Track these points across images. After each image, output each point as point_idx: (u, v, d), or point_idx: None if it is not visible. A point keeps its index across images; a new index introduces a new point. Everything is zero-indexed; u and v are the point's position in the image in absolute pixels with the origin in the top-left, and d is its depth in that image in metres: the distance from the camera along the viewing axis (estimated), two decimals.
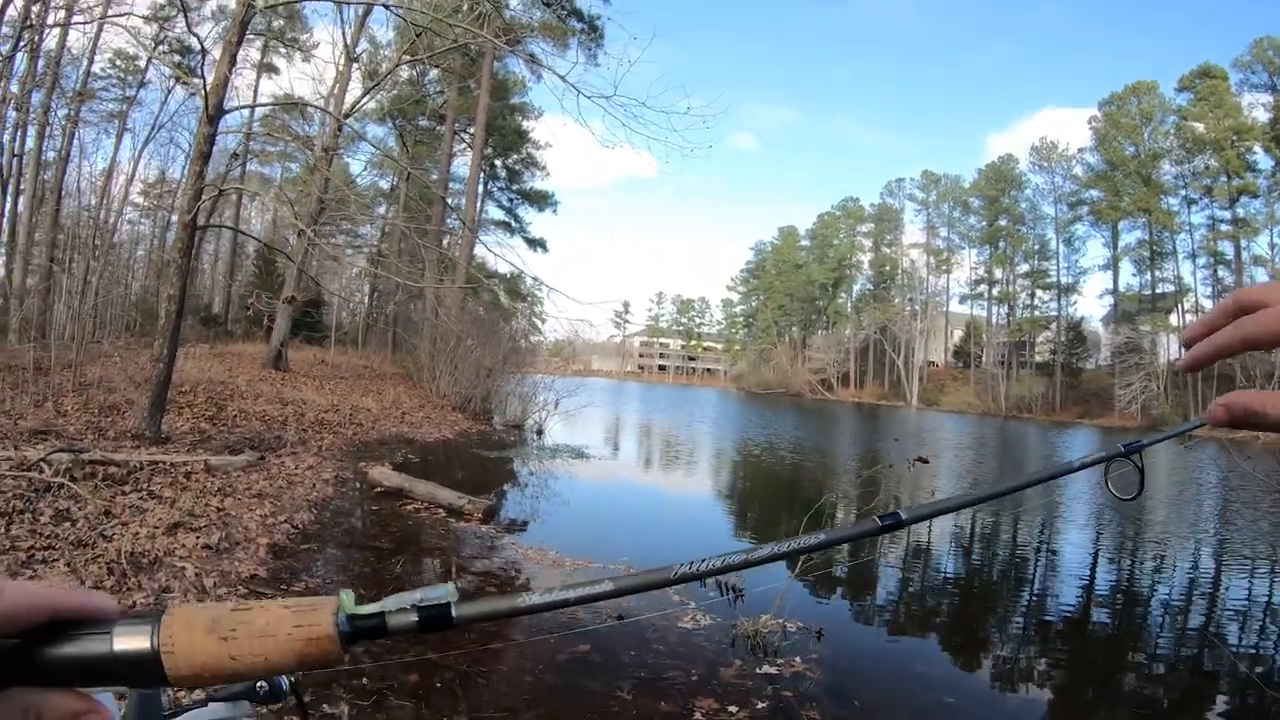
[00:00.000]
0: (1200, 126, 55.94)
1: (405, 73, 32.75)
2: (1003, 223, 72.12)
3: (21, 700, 0.43)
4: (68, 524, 6.33)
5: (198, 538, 6.57)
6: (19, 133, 24.46)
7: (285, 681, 1.57)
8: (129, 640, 0.47)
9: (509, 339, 26.25)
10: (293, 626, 0.51)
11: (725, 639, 5.60)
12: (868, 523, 0.65)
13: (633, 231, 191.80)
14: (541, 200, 42.92)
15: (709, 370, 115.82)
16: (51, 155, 26.75)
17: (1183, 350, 0.68)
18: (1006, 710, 5.20)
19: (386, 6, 15.99)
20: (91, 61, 28.44)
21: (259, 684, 1.54)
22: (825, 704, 4.71)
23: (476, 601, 0.54)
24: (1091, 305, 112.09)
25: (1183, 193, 58.47)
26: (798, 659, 5.30)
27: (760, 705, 4.61)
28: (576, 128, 40.26)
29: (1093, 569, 9.41)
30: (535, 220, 43.78)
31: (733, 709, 4.51)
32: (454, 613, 0.53)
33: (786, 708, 4.63)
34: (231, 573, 6.06)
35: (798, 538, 0.62)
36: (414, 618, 0.53)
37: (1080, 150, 66.46)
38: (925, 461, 8.24)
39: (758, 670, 5.10)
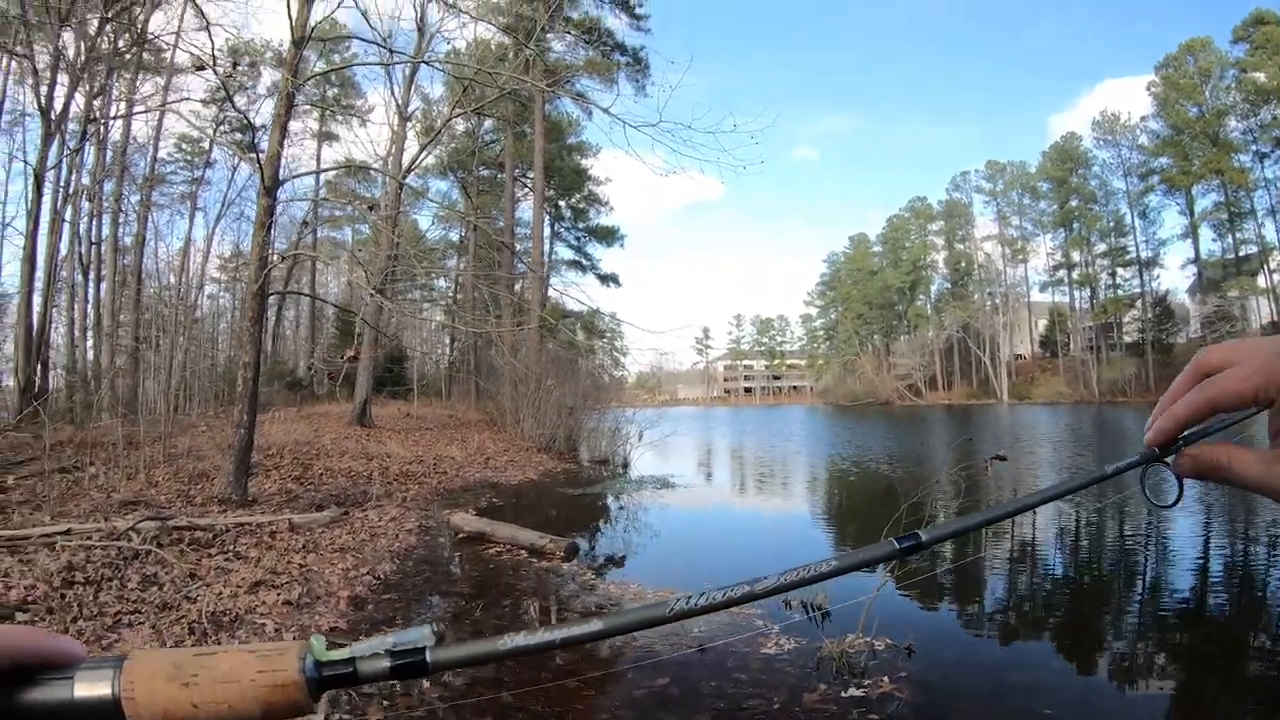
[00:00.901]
0: (1261, 76, 53.90)
1: (460, 125, 33.54)
2: (1074, 203, 70.34)
3: None
4: (154, 588, 6.43)
5: (279, 594, 6.60)
6: (94, 221, 25.54)
7: None
8: (90, 686, 0.46)
9: (588, 376, 26.30)
10: (256, 672, 0.48)
11: (810, 662, 5.33)
12: (884, 546, 0.59)
13: (705, 257, 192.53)
14: (608, 236, 43.30)
15: (794, 387, 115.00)
16: (128, 240, 27.99)
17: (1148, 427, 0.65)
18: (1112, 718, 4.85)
19: (429, 64, 16.34)
20: (157, 148, 29.75)
21: None
22: None
23: (454, 646, 0.51)
24: (1175, 277, 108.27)
25: (1253, 148, 56.42)
26: (886, 679, 4.99)
27: None
28: (633, 161, 40.51)
29: (1205, 556, 8.86)
30: (605, 256, 44.21)
31: None
32: (429, 658, 0.50)
33: None
34: (311, 626, 6.05)
35: (806, 566, 0.57)
36: (386, 664, 0.50)
37: (1143, 119, 64.87)
38: (1003, 459, 7.86)
39: (843, 694, 4.82)
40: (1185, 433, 0.64)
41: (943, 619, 6.80)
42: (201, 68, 9.20)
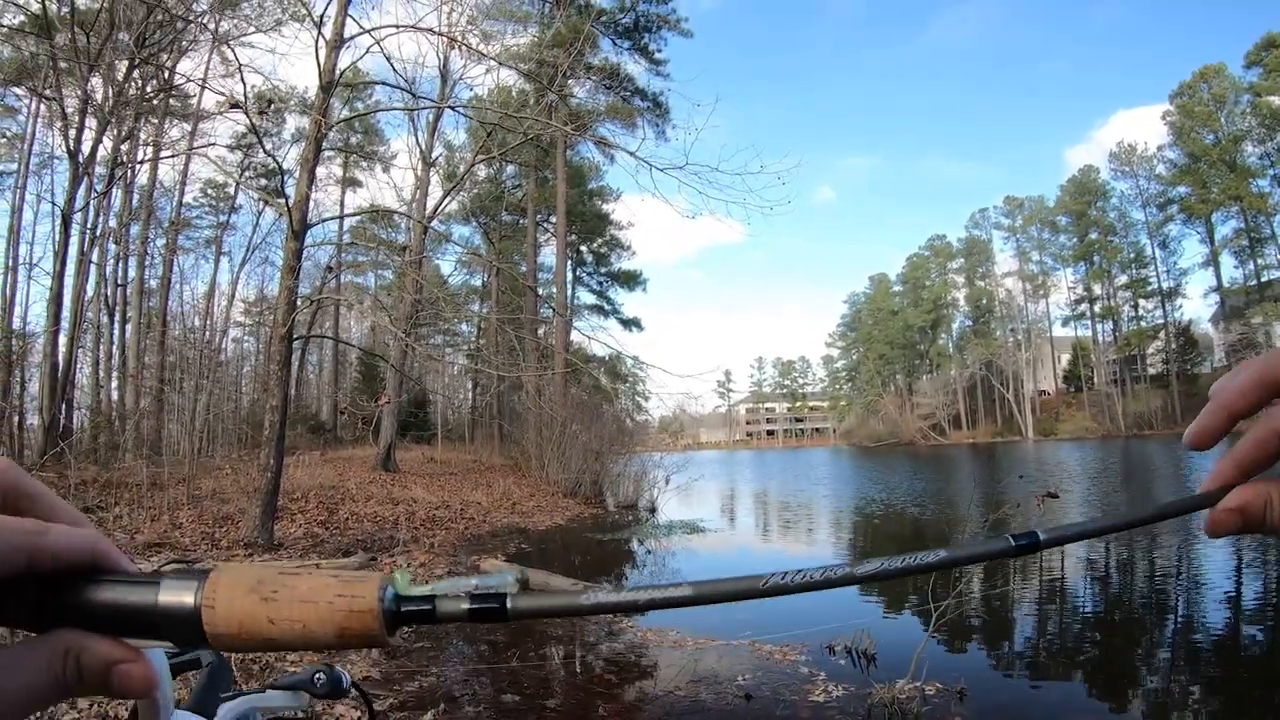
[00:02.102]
0: (1276, 100, 53.96)
1: (482, 171, 33.74)
2: (1094, 236, 70.22)
3: (63, 640, 0.43)
4: None
5: None
6: (120, 264, 25.80)
7: (346, 677, 1.50)
8: (175, 594, 0.45)
9: (613, 420, 26.18)
10: (335, 595, 0.47)
11: (860, 709, 5.12)
12: (999, 541, 0.54)
13: (726, 299, 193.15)
14: (630, 280, 43.40)
15: (817, 430, 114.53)
16: (154, 283, 28.22)
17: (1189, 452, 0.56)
18: None
19: (455, 109, 16.46)
20: (183, 192, 30.14)
21: (317, 675, 1.47)
22: None
23: (535, 596, 0.49)
24: (1197, 306, 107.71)
25: (1271, 172, 56.29)
26: None
27: None
28: (656, 204, 40.72)
29: (1237, 587, 8.61)
30: (627, 300, 44.24)
31: None
32: (509, 604, 0.48)
33: None
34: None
35: (913, 555, 0.53)
36: (465, 605, 0.48)
37: (1160, 148, 65.01)
38: (1055, 496, 7.66)
39: None
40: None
41: (991, 660, 6.58)
42: (235, 106, 9.26)
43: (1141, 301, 68.75)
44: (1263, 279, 58.06)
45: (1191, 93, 59.75)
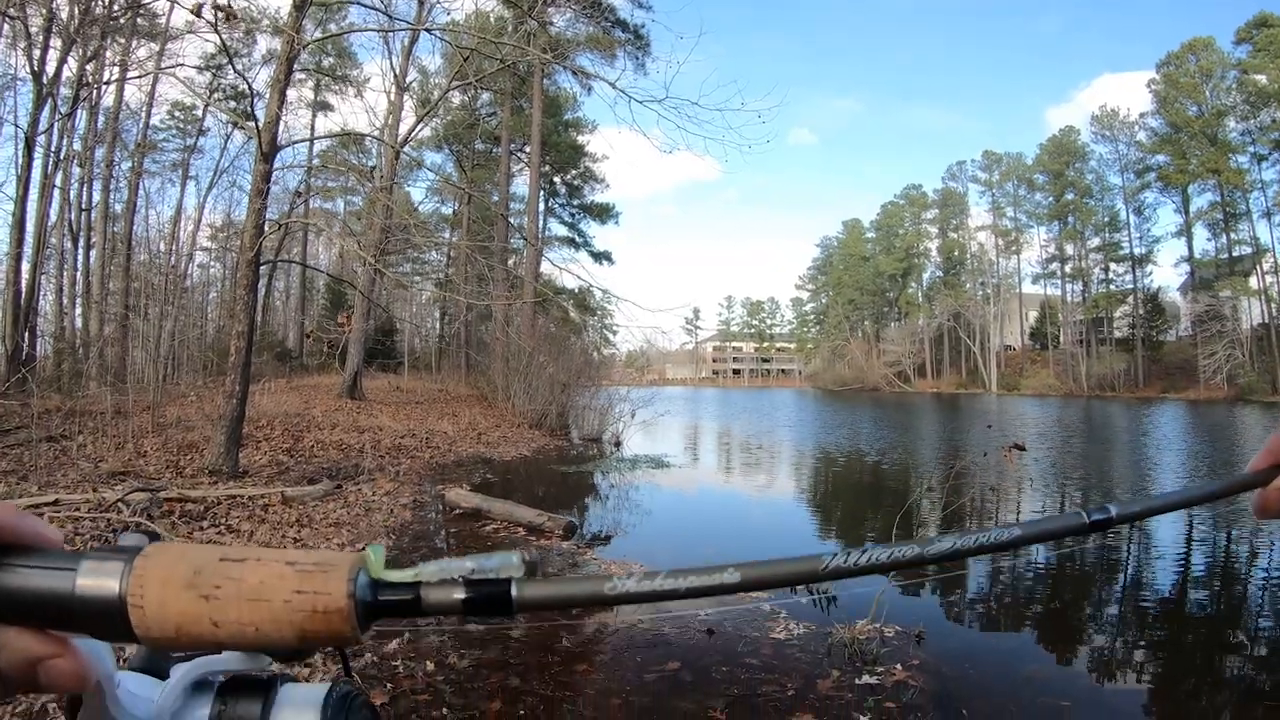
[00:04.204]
0: (1263, 78, 53.69)
1: (457, 98, 33.16)
2: (1069, 197, 70.20)
3: None
4: None
5: None
6: (85, 187, 25.22)
7: None
8: (95, 580, 0.39)
9: (581, 353, 26.15)
10: (293, 592, 0.40)
11: (821, 648, 5.22)
12: (1072, 517, 0.51)
13: (698, 237, 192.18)
14: (603, 213, 43.06)
15: (783, 371, 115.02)
16: (119, 208, 27.64)
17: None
18: (1120, 708, 4.76)
19: (430, 31, 16.05)
20: (149, 114, 29.34)
21: None
22: (932, 714, 4.31)
23: (546, 582, 0.43)
24: (1168, 275, 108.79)
25: (1251, 149, 56.27)
26: (899, 666, 4.90)
27: (862, 719, 4.26)
28: (632, 137, 40.32)
29: (1187, 549, 8.82)
30: (599, 233, 44.02)
31: None
32: (514, 593, 0.41)
33: None
34: None
35: (985, 531, 0.49)
36: (459, 595, 0.41)
37: (1142, 115, 64.57)
38: (1023, 449, 7.76)
39: (857, 681, 4.71)
40: None
41: (949, 606, 6.70)
42: (197, 14, 8.93)
43: (1112, 265, 69.04)
44: (1234, 253, 58.36)
45: (1179, 63, 59.43)
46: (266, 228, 11.24)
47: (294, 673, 1.10)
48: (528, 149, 33.87)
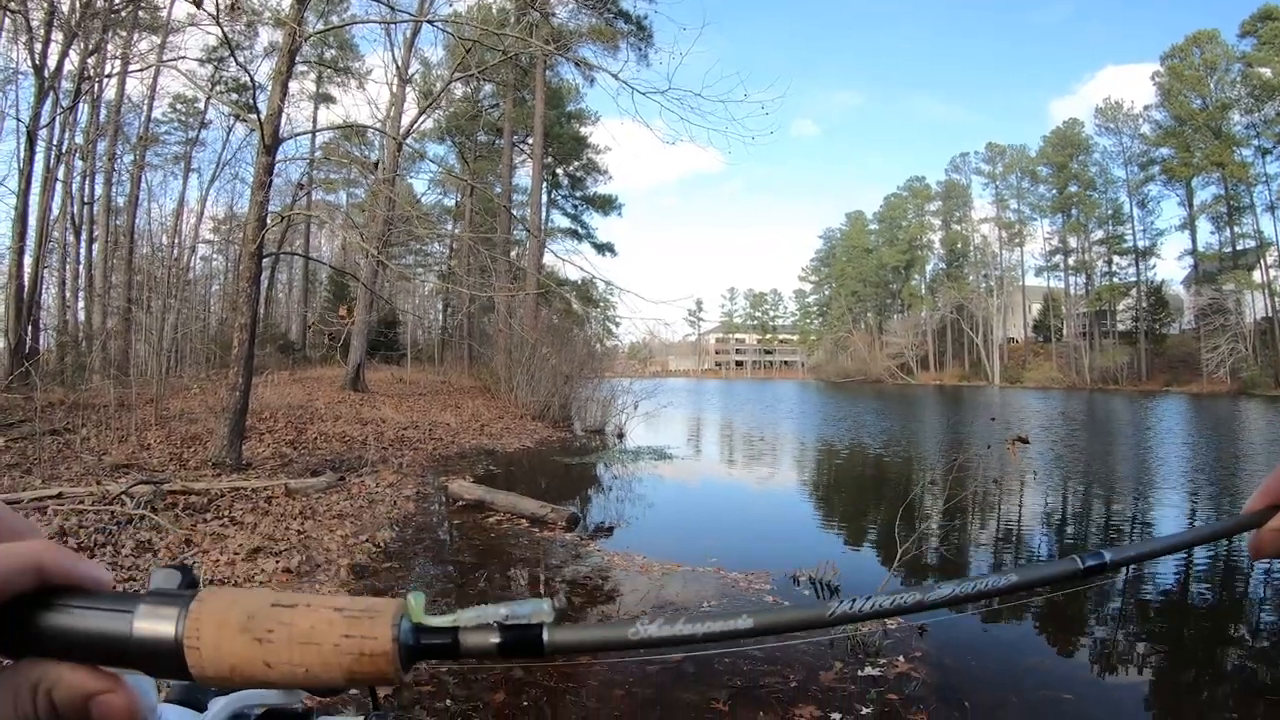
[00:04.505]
0: (1267, 72, 53.50)
1: (459, 90, 33.08)
2: (1073, 189, 70.02)
3: (30, 674, 0.39)
4: (149, 554, 6.29)
5: (278, 561, 6.46)
6: (87, 181, 25.21)
7: None
8: (152, 624, 0.41)
9: (584, 345, 26.16)
10: (342, 636, 0.42)
11: (824, 640, 5.23)
12: (1066, 564, 0.53)
13: (701, 228, 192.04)
14: (605, 205, 43.00)
15: (786, 363, 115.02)
16: (121, 201, 27.62)
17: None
18: (1122, 700, 4.77)
19: (432, 23, 16.01)
20: (151, 107, 29.28)
21: None
22: (934, 706, 4.33)
23: (575, 628, 0.46)
24: (1171, 268, 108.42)
25: (1255, 143, 56.07)
26: (901, 658, 4.92)
27: (865, 711, 4.25)
28: (635, 129, 40.29)
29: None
30: (601, 225, 44.09)
31: (835, 716, 4.17)
32: (546, 638, 0.44)
33: (893, 713, 4.25)
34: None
35: (982, 578, 0.53)
36: (495, 639, 0.44)
37: (1146, 108, 64.30)
38: (1026, 441, 7.76)
39: (860, 673, 4.74)
40: None
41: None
42: (200, 5, 8.91)
43: (1116, 258, 68.83)
44: (1238, 247, 58.20)
45: (1183, 56, 59.17)
46: (269, 220, 11.24)
47: (329, 704, 1.11)
48: (530, 141, 33.84)
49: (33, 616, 0.39)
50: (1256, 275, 55.90)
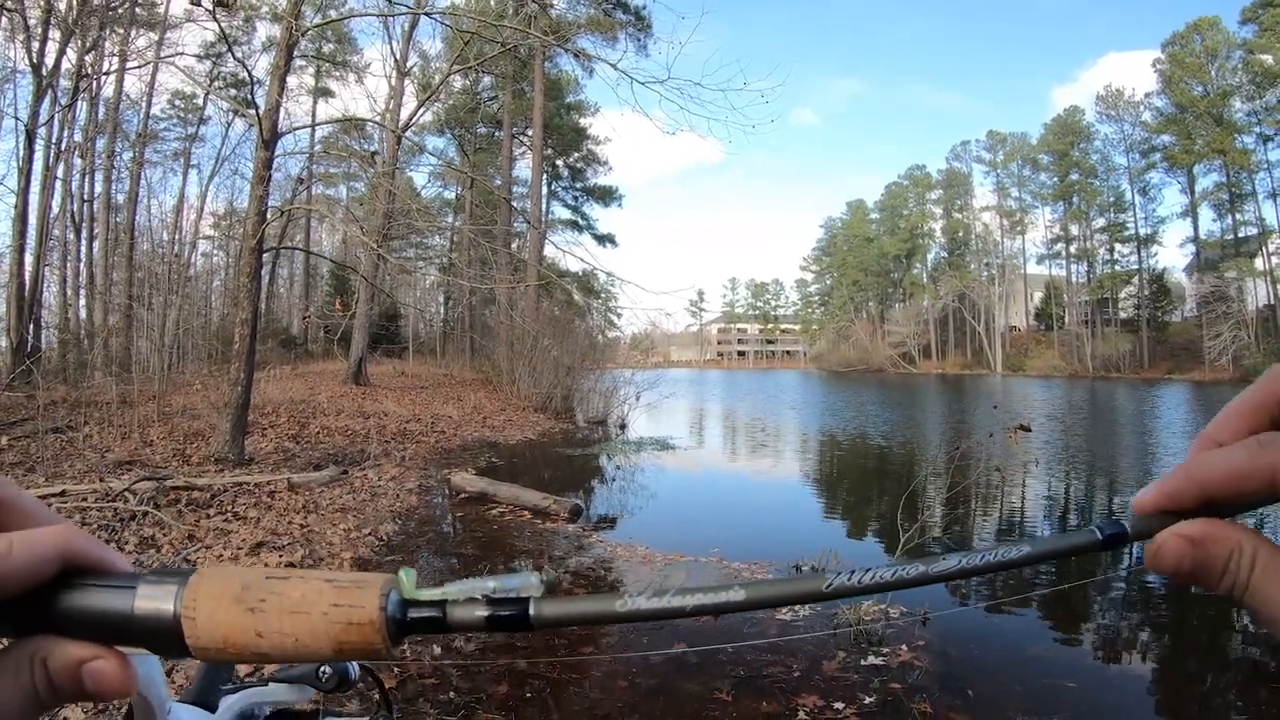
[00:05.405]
0: (1269, 59, 53.26)
1: (458, 82, 33.00)
2: (1074, 177, 69.86)
3: (29, 648, 0.40)
4: (152, 550, 6.30)
5: (281, 556, 6.48)
6: (86, 178, 25.21)
7: (354, 669, 1.32)
8: (152, 600, 0.42)
9: (585, 336, 26.16)
10: (330, 605, 0.43)
11: (826, 628, 5.23)
12: (1084, 534, 0.47)
13: (703, 219, 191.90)
14: (606, 196, 42.94)
15: (788, 352, 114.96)
16: (121, 198, 27.63)
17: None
18: (1125, 688, 4.78)
19: (430, 15, 15.97)
20: (150, 104, 29.28)
21: (322, 669, 1.30)
22: (937, 695, 4.33)
23: (561, 601, 0.45)
24: (1173, 255, 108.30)
25: (1257, 130, 55.88)
26: (904, 647, 4.93)
27: (868, 700, 4.25)
28: (635, 120, 40.15)
29: None
30: (602, 216, 44.01)
31: (839, 705, 4.17)
32: (532, 611, 0.44)
33: (896, 702, 4.25)
34: None
35: (994, 549, 0.47)
36: (482, 612, 0.44)
37: (1147, 95, 64.22)
38: (1028, 429, 7.72)
39: (863, 662, 4.75)
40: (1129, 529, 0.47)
41: (955, 588, 6.68)
42: (197, 2, 8.88)
43: (1117, 246, 68.73)
44: (1239, 234, 58.08)
45: (1184, 43, 58.97)
46: (269, 215, 11.22)
47: (337, 706, 1.09)
48: (530, 132, 33.76)
49: (46, 597, 0.40)
50: (1258, 262, 55.81)
